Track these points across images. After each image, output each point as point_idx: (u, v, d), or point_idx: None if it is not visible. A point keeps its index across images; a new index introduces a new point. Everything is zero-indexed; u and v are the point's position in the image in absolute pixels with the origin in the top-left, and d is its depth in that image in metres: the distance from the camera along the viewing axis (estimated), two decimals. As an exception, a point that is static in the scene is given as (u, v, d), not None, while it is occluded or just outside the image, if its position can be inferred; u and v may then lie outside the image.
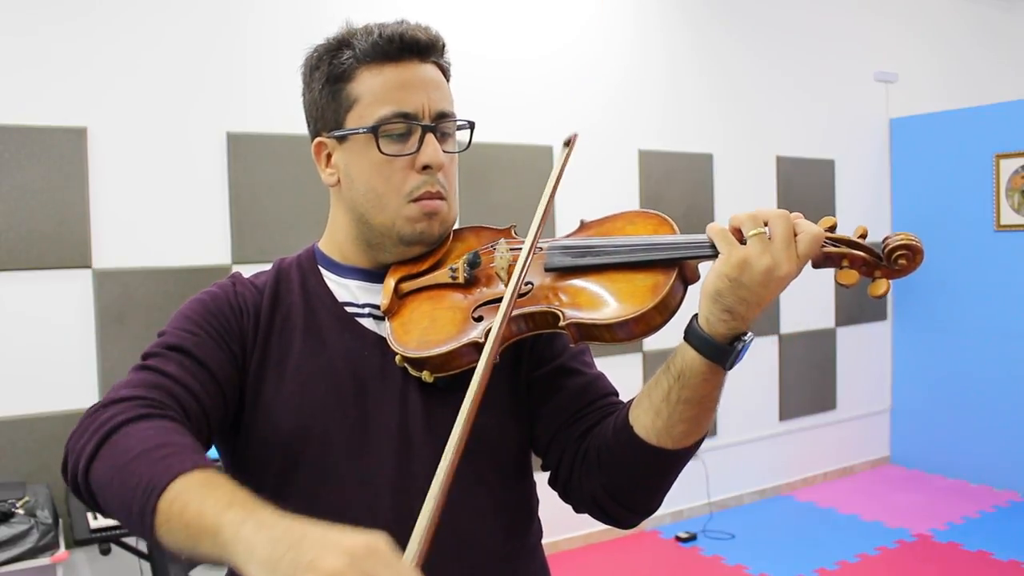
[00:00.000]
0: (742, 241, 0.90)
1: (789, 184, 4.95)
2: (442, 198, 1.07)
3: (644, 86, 4.43)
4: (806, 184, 5.04)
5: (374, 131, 1.03)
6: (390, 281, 1.08)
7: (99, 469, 0.87)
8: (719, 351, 0.91)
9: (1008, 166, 4.83)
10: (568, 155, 1.07)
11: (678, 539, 4.27)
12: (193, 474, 0.82)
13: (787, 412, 5.00)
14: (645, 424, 0.98)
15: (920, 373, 5.37)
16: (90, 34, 3.05)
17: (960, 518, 4.48)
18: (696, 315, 0.93)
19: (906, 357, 5.44)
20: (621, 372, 4.12)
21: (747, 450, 4.74)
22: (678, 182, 4.52)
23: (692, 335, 0.92)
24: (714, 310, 0.90)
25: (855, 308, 5.23)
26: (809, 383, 5.10)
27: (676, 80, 4.54)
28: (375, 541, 0.68)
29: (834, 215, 5.11)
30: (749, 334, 0.92)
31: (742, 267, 0.87)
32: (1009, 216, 4.85)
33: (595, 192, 4.16)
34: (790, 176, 4.96)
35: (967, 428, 5.07)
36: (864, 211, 5.30)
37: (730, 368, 0.93)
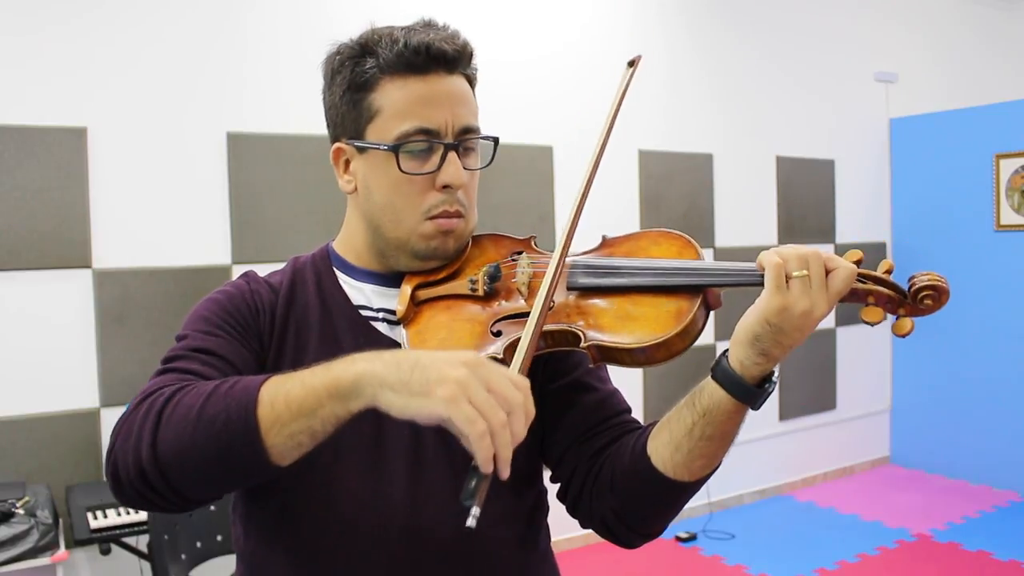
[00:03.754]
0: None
1: (789, 184, 4.95)
2: (460, 216, 1.05)
3: (644, 86, 4.42)
4: (806, 184, 5.04)
5: (395, 149, 1.01)
6: (407, 288, 1.06)
7: (167, 440, 0.83)
8: (750, 393, 0.90)
9: (1008, 166, 4.83)
10: (631, 79, 1.04)
11: (678, 539, 4.27)
12: (270, 381, 0.84)
13: (787, 412, 5.00)
14: (664, 457, 0.97)
15: (920, 373, 5.36)
16: (90, 34, 3.05)
17: (960, 518, 4.48)
18: (725, 355, 0.92)
19: (906, 357, 5.44)
20: (621, 379, 4.12)
21: (747, 450, 4.73)
22: (678, 182, 4.52)
23: (723, 376, 0.91)
24: (750, 354, 0.89)
25: (855, 308, 5.21)
26: (809, 383, 5.10)
27: (676, 80, 4.54)
28: (479, 356, 0.79)
29: (834, 215, 5.15)
30: (776, 373, 0.91)
31: (782, 311, 0.86)
32: (1009, 216, 4.85)
33: (595, 192, 4.13)
34: (790, 176, 4.96)
35: (967, 428, 5.07)
36: (864, 211, 5.31)
37: (758, 408, 0.93)
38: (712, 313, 0.97)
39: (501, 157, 1.13)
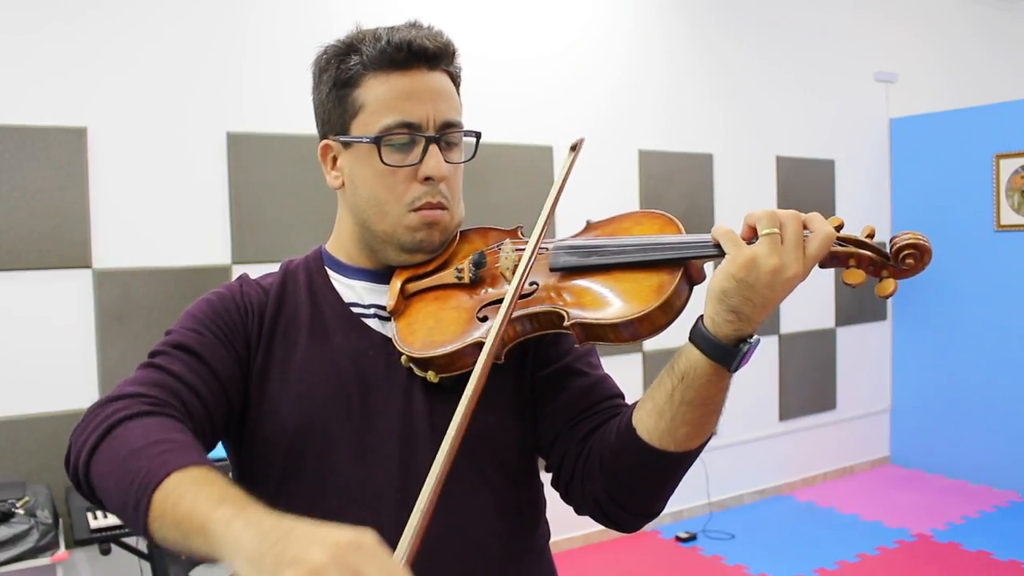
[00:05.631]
0: (751, 239, 0.89)
1: (789, 184, 4.96)
2: (443, 208, 1.06)
3: (644, 86, 4.43)
4: (806, 184, 5.04)
5: (377, 141, 1.03)
6: (396, 282, 1.08)
7: (99, 463, 0.89)
8: (724, 352, 0.90)
9: (1008, 166, 4.83)
10: (574, 160, 1.06)
11: (678, 539, 4.27)
12: (189, 470, 0.82)
13: (787, 412, 5.00)
14: (648, 426, 0.97)
15: (920, 373, 5.36)
16: (90, 34, 3.05)
17: (960, 518, 4.48)
18: (702, 316, 0.92)
19: (906, 357, 5.44)
20: (621, 371, 4.12)
21: (747, 450, 4.74)
22: (678, 182, 4.52)
23: (696, 335, 0.91)
24: (719, 310, 0.89)
25: (855, 308, 5.23)
26: (809, 383, 5.10)
27: (676, 80, 4.54)
28: (362, 536, 0.67)
29: (834, 215, 5.14)
30: (755, 336, 0.91)
31: (749, 267, 0.86)
32: (1009, 216, 4.85)
33: (595, 192, 4.16)
34: (790, 176, 4.96)
35: (967, 428, 5.07)
36: (864, 211, 5.30)
37: (735, 371, 0.92)
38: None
39: (501, 157, 1.15)
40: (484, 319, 1.02)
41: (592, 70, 4.24)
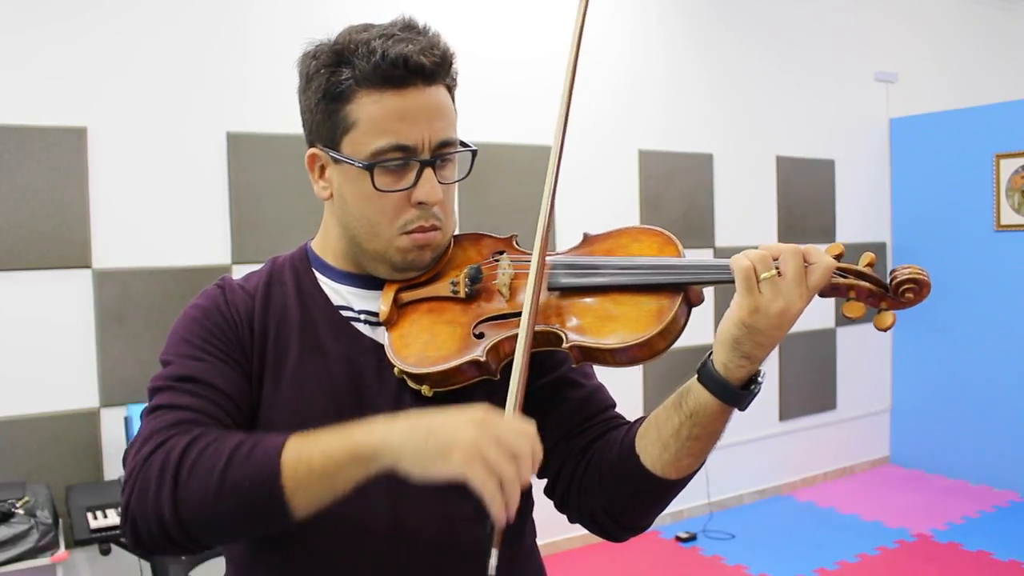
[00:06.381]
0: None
1: (789, 184, 4.96)
2: (436, 229, 1.04)
3: (644, 86, 4.43)
4: (806, 184, 5.04)
5: (370, 168, 0.99)
6: (389, 292, 1.07)
7: (189, 501, 0.87)
8: (737, 395, 0.91)
9: (1008, 166, 4.83)
10: (584, 10, 1.05)
11: (678, 539, 4.27)
12: (289, 442, 0.88)
13: (787, 412, 5.00)
14: (652, 456, 0.98)
15: (920, 373, 5.36)
16: (90, 33, 3.05)
17: (960, 518, 4.48)
18: (710, 357, 0.92)
19: (906, 357, 5.44)
20: (619, 374, 4.12)
21: (747, 450, 4.74)
22: (678, 182, 4.52)
23: (709, 379, 0.92)
24: (732, 357, 0.89)
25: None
26: (809, 383, 5.10)
27: (676, 80, 4.54)
28: (481, 410, 0.85)
29: (834, 215, 5.15)
30: (762, 373, 0.92)
31: (755, 313, 0.86)
32: (1009, 216, 4.85)
33: (595, 192, 4.16)
34: (790, 176, 4.96)
35: (967, 428, 5.07)
36: (864, 211, 5.31)
37: (744, 409, 0.93)
38: (713, 311, 0.98)
39: (500, 157, 1.13)
40: (481, 336, 1.01)
41: (592, 70, 4.23)
